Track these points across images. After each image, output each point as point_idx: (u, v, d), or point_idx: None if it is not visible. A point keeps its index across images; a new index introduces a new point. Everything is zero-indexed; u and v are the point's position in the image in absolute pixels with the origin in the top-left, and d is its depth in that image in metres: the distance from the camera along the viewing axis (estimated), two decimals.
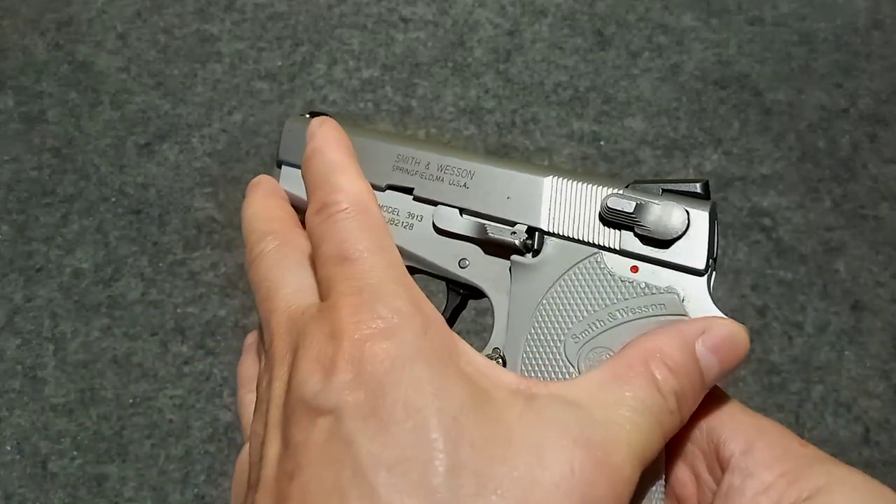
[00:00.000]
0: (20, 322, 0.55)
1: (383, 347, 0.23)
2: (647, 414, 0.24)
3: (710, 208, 0.27)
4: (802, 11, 0.72)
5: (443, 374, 0.23)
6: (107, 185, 0.61)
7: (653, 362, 0.25)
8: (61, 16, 0.71)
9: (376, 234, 0.27)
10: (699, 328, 0.26)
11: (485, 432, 0.22)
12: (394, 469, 0.21)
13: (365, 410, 0.22)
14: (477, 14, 0.71)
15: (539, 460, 0.21)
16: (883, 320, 0.55)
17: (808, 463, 0.25)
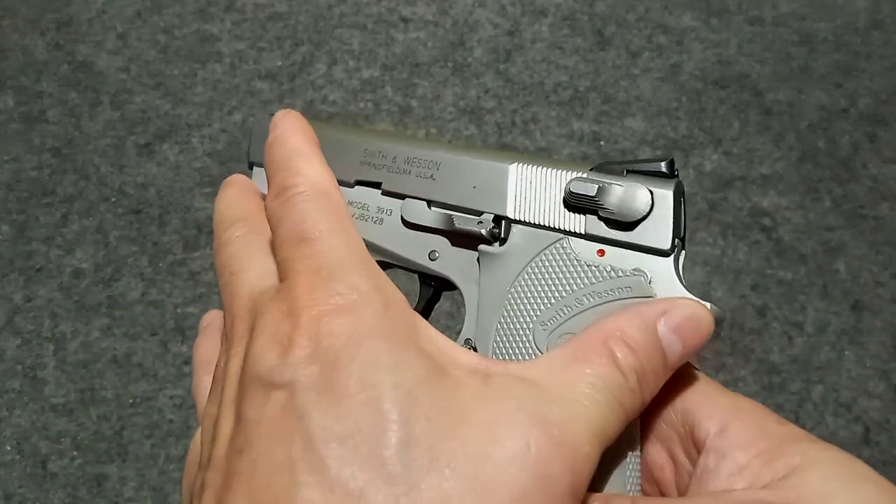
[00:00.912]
0: (20, 322, 0.55)
1: (340, 323, 0.22)
2: (607, 392, 0.23)
3: (674, 187, 0.26)
4: (802, 11, 0.72)
5: (400, 351, 0.23)
6: (107, 185, 0.61)
7: (613, 341, 0.25)
8: (61, 16, 0.71)
9: (336, 216, 0.26)
10: (661, 308, 0.25)
11: (440, 407, 0.22)
12: (345, 442, 0.21)
13: (320, 385, 0.22)
14: (477, 14, 0.71)
15: (493, 437, 0.21)
16: (883, 320, 0.55)
17: (783, 442, 0.25)
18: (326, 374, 0.22)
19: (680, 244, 0.27)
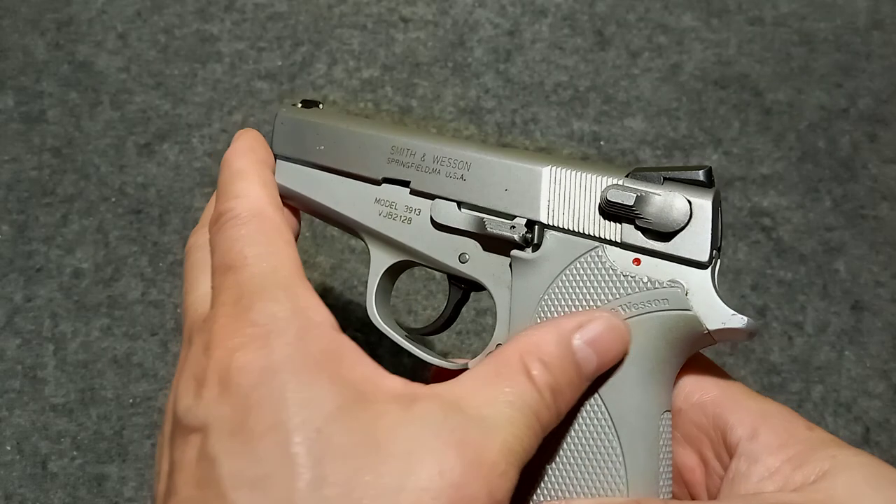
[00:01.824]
0: (20, 322, 0.55)
1: (250, 358, 0.22)
2: (525, 409, 0.24)
3: (713, 197, 0.26)
4: (802, 11, 0.72)
5: (311, 384, 0.22)
6: (107, 185, 0.61)
7: (528, 357, 0.24)
8: (61, 16, 0.71)
9: (267, 237, 0.26)
10: (577, 322, 0.26)
11: (353, 440, 0.21)
12: (255, 487, 0.20)
13: (231, 426, 0.21)
14: (477, 14, 0.71)
15: (408, 466, 0.21)
16: (883, 320, 0.55)
17: (812, 447, 0.25)
18: (237, 415, 0.21)
19: (717, 254, 0.27)
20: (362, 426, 0.22)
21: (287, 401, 0.22)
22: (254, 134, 0.33)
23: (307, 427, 0.21)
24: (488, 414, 0.23)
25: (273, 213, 0.27)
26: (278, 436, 0.21)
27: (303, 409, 0.22)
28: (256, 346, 0.22)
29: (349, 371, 0.23)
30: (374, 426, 0.22)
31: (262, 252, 0.25)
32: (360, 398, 0.23)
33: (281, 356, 0.22)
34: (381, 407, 0.23)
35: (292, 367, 0.22)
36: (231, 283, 0.24)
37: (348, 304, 0.56)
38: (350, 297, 0.56)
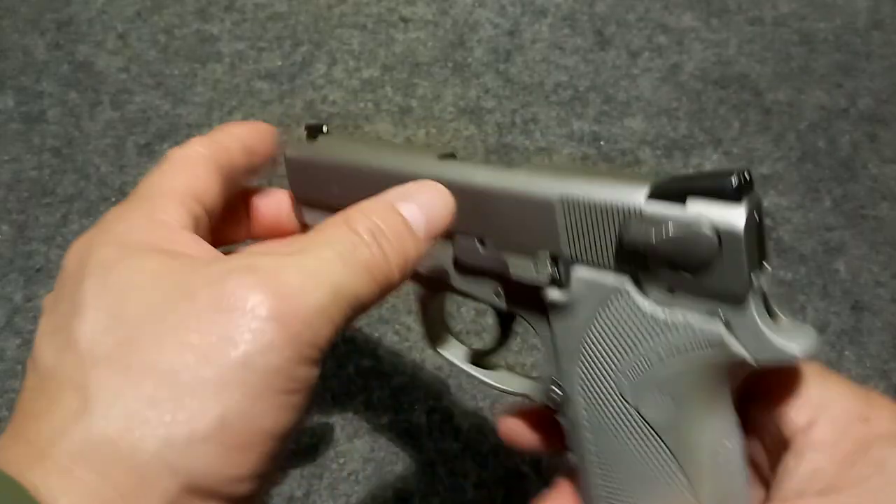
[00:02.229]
0: (20, 322, 0.55)
1: (78, 240, 0.26)
2: (339, 247, 0.23)
3: (745, 217, 0.22)
4: (802, 11, 0.72)
5: (118, 246, 0.24)
6: (107, 185, 0.61)
7: (350, 213, 0.25)
8: (61, 16, 0.71)
9: (173, 165, 0.29)
10: (398, 189, 0.26)
11: (172, 283, 0.23)
12: (53, 333, 0.23)
13: (52, 297, 0.25)
14: (477, 14, 0.71)
15: (223, 300, 0.22)
16: (883, 320, 0.55)
17: (863, 446, 0.24)
18: (58, 284, 0.25)
19: (757, 277, 0.23)
20: (178, 271, 0.23)
21: (89, 260, 0.24)
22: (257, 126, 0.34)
23: (96, 272, 0.23)
24: (301, 256, 0.23)
25: (190, 156, 0.29)
26: (73, 286, 0.23)
27: (98, 261, 0.24)
28: (88, 233, 0.26)
29: (168, 244, 0.25)
30: (174, 275, 0.23)
31: (157, 175, 0.28)
32: (168, 255, 0.24)
33: (104, 239, 0.25)
34: (182, 259, 0.23)
35: (106, 239, 0.25)
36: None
37: None
38: None
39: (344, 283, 0.23)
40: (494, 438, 0.50)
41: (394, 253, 0.24)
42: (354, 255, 0.23)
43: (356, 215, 0.24)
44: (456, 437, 0.50)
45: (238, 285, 0.21)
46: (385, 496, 0.48)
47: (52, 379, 0.21)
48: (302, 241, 0.24)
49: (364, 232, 0.24)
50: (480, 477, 0.49)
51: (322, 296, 0.22)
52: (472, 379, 0.52)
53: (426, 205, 0.26)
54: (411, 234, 0.25)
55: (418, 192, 0.26)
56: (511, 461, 0.50)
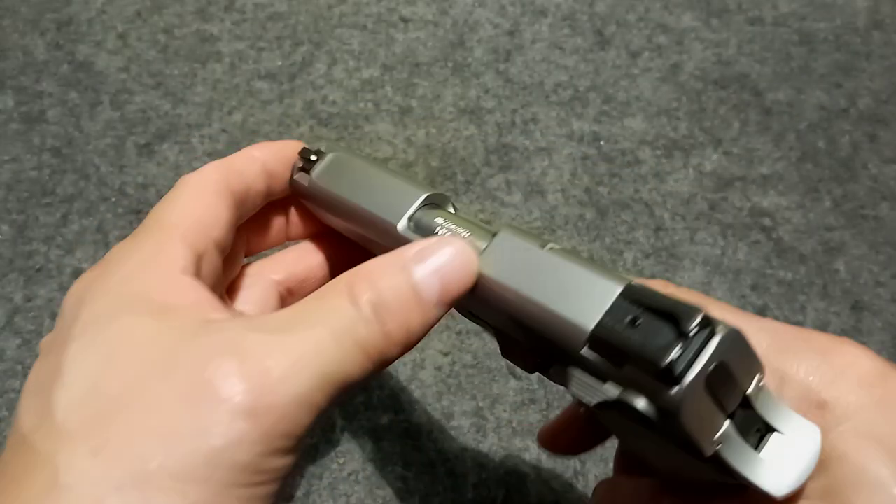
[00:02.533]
0: (20, 322, 0.55)
1: (77, 283, 0.25)
2: (333, 321, 0.22)
3: (682, 400, 0.19)
4: (802, 11, 0.72)
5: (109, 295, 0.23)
6: (107, 185, 0.61)
7: (355, 278, 0.23)
8: (61, 16, 0.71)
9: (186, 193, 0.28)
10: (417, 248, 0.23)
11: (152, 354, 0.22)
12: (33, 393, 0.22)
13: (47, 339, 0.24)
14: (477, 14, 0.71)
15: (201, 378, 0.21)
16: (883, 320, 0.55)
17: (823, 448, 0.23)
18: (58, 324, 0.24)
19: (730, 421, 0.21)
20: (157, 338, 0.22)
21: (82, 311, 0.23)
22: (283, 146, 0.33)
23: (85, 332, 0.22)
24: (290, 333, 0.21)
25: (202, 184, 0.28)
26: (61, 342, 0.22)
27: (90, 316, 0.23)
28: (89, 274, 0.25)
29: (164, 295, 0.23)
30: (159, 345, 0.21)
31: (166, 205, 0.27)
32: (160, 315, 0.23)
33: (102, 288, 0.24)
34: (171, 322, 0.22)
35: (104, 288, 0.24)
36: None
37: None
38: None
39: (333, 367, 0.21)
40: (494, 438, 0.50)
41: (396, 327, 0.22)
42: (351, 333, 0.22)
43: (360, 283, 0.22)
44: (456, 438, 0.50)
45: (216, 372, 0.20)
46: (385, 496, 0.48)
47: (28, 446, 0.20)
48: (300, 312, 0.22)
49: (365, 305, 0.22)
50: (480, 477, 0.49)
51: (305, 383, 0.21)
52: (471, 379, 0.52)
53: (443, 268, 0.23)
54: (419, 303, 0.23)
55: (438, 251, 0.23)
56: (511, 461, 0.50)
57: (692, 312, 0.20)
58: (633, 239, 0.59)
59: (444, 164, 0.62)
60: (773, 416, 0.22)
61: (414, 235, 0.28)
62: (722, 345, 0.20)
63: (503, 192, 0.61)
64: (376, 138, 0.64)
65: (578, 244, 0.59)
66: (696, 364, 0.19)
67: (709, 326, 0.20)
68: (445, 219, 0.28)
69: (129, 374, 0.21)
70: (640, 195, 0.61)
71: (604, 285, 0.22)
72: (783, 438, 0.22)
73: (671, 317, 0.20)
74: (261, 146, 0.31)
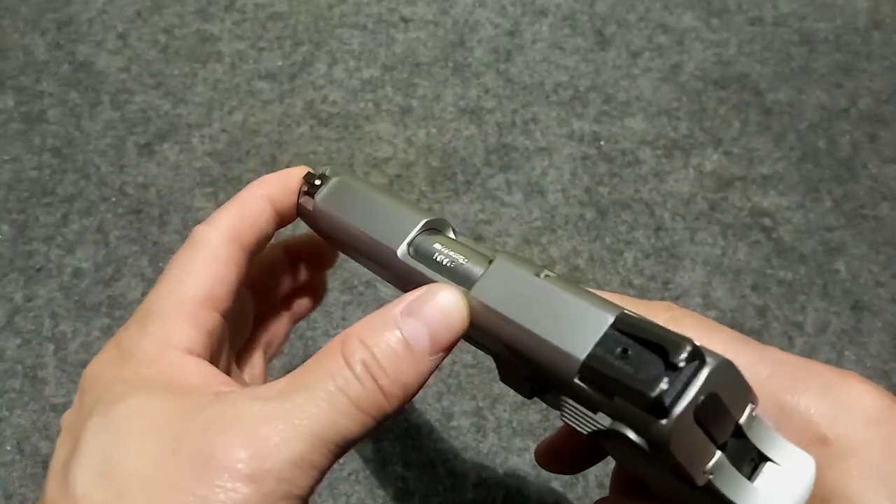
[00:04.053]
0: (20, 322, 0.55)
1: (92, 367, 0.27)
2: (328, 384, 0.23)
3: (670, 432, 0.20)
4: (803, 11, 0.72)
5: (122, 382, 0.25)
6: (107, 185, 0.61)
7: (347, 338, 0.24)
8: (61, 16, 0.71)
9: (193, 259, 0.29)
10: (404, 299, 0.25)
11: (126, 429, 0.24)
12: (56, 473, 0.24)
13: (65, 423, 0.26)
14: (477, 14, 0.71)
15: (197, 459, 0.22)
16: (883, 320, 0.55)
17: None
18: (75, 406, 0.26)
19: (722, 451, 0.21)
20: (178, 413, 0.23)
21: (97, 392, 0.25)
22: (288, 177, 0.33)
23: (101, 411, 0.24)
24: (286, 400, 0.23)
25: (215, 248, 0.29)
26: (81, 420, 0.24)
27: (106, 396, 0.24)
28: (105, 356, 0.26)
29: (173, 378, 0.25)
30: (168, 423, 0.23)
31: (180, 273, 0.28)
32: (170, 395, 0.24)
33: (118, 374, 0.25)
34: (181, 401, 0.24)
35: (119, 375, 0.25)
36: (147, 298, 0.28)
37: (348, 304, 0.56)
38: (350, 298, 0.56)
39: (329, 428, 0.23)
40: (494, 438, 0.50)
41: (389, 383, 0.23)
42: (344, 393, 0.23)
43: (352, 343, 0.24)
44: (456, 438, 0.50)
45: (219, 442, 0.22)
46: (385, 496, 0.48)
47: None
48: (298, 377, 0.24)
49: (357, 364, 0.23)
50: (480, 477, 0.49)
51: (301, 446, 0.22)
52: (471, 379, 0.52)
53: (432, 320, 0.24)
54: (411, 356, 0.24)
55: (426, 303, 0.24)
56: (511, 461, 0.50)
57: (681, 344, 0.20)
58: (634, 239, 0.59)
59: (444, 164, 0.62)
60: (766, 446, 0.22)
61: (413, 261, 0.28)
62: (711, 376, 0.20)
63: (503, 192, 0.61)
64: (376, 138, 0.64)
65: (578, 244, 0.59)
66: (685, 396, 0.20)
67: (698, 358, 0.20)
68: (443, 244, 0.28)
69: (140, 451, 0.22)
70: (640, 195, 0.61)
71: (596, 315, 0.22)
72: (777, 468, 0.22)
73: (661, 348, 0.20)
74: (267, 182, 0.31)
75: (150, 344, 0.26)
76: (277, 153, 0.63)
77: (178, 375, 0.25)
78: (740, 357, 0.23)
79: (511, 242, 0.59)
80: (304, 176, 0.32)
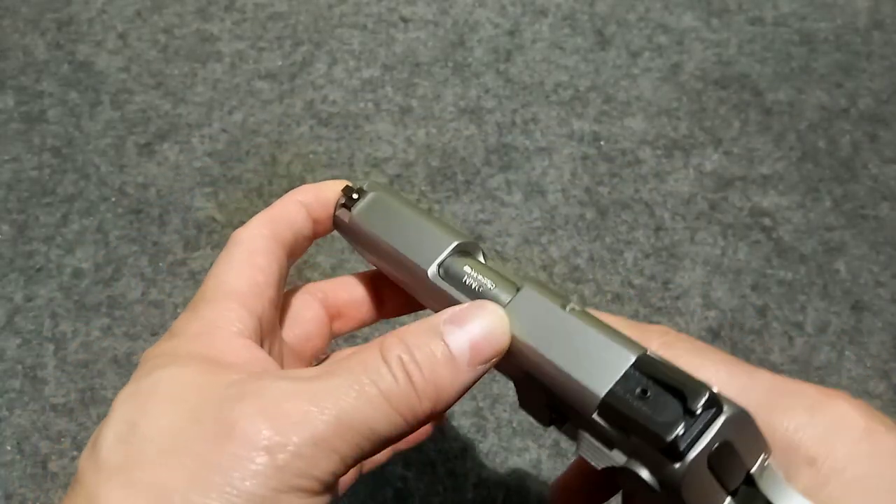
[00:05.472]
0: (20, 322, 0.55)
1: (147, 353, 0.27)
2: (358, 375, 0.23)
3: (683, 475, 0.20)
4: (803, 11, 0.72)
5: (174, 363, 0.25)
6: (107, 185, 0.61)
7: (388, 338, 0.24)
8: (61, 15, 0.71)
9: (235, 257, 0.30)
10: (450, 312, 0.25)
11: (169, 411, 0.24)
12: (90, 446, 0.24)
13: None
14: (477, 14, 0.71)
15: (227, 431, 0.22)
16: (883, 320, 0.55)
17: None
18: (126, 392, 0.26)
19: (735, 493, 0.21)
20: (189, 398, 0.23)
21: (140, 367, 0.25)
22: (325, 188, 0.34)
23: (136, 381, 0.25)
24: (315, 381, 0.23)
25: (253, 241, 0.30)
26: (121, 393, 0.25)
27: (145, 369, 0.25)
28: (160, 345, 0.27)
29: (217, 354, 0.25)
30: (198, 392, 0.23)
31: (223, 268, 0.29)
32: (207, 367, 0.24)
33: (163, 348, 0.26)
34: (216, 376, 0.24)
35: (165, 349, 0.26)
36: (195, 295, 0.29)
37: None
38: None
39: (353, 414, 0.22)
40: (494, 438, 0.50)
41: (423, 382, 0.23)
42: (375, 385, 0.23)
43: (392, 341, 0.24)
44: (456, 438, 0.50)
45: (240, 414, 0.22)
46: (385, 496, 0.48)
47: (78, 480, 0.23)
48: (333, 364, 0.24)
49: (393, 360, 0.23)
50: (480, 477, 0.49)
51: (323, 428, 0.22)
52: None
53: (475, 332, 0.24)
54: (449, 363, 0.24)
55: (472, 314, 0.25)
56: (511, 461, 0.50)
57: (700, 390, 0.20)
58: (634, 239, 0.59)
59: (444, 164, 0.62)
60: (776, 496, 0.22)
61: (443, 282, 0.29)
62: (727, 424, 0.20)
63: (503, 191, 0.61)
64: (376, 138, 0.64)
65: (578, 244, 0.59)
66: (700, 442, 0.20)
67: (715, 405, 0.20)
68: (473, 268, 0.28)
69: (163, 418, 0.23)
70: (640, 195, 0.61)
71: (618, 353, 0.23)
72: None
73: (679, 392, 0.20)
74: (303, 190, 0.32)
75: (200, 325, 0.26)
76: (277, 153, 0.63)
77: (220, 353, 0.25)
78: (732, 380, 0.23)
79: (511, 242, 0.59)
80: (343, 189, 0.33)
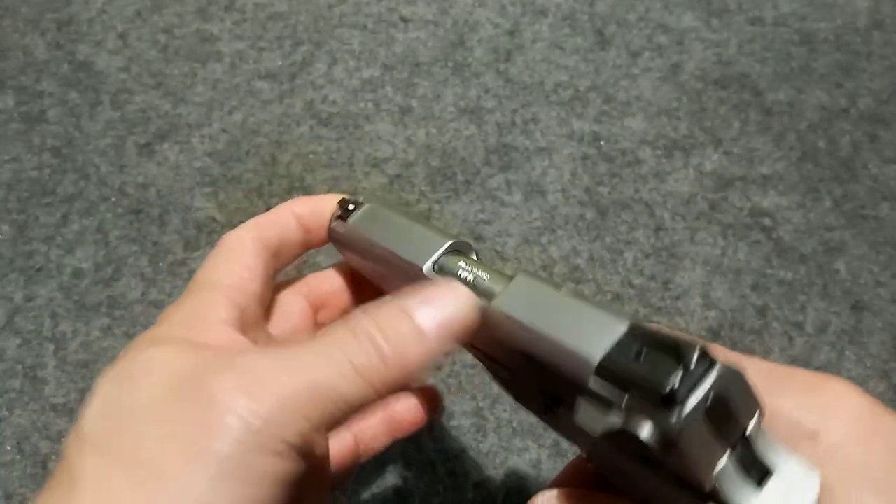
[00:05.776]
0: (20, 322, 0.55)
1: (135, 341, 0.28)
2: (327, 346, 0.24)
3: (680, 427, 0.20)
4: (803, 11, 0.72)
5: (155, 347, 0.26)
6: (107, 185, 0.61)
7: (356, 313, 0.25)
8: (61, 15, 0.71)
9: (225, 255, 0.31)
10: (416, 289, 0.26)
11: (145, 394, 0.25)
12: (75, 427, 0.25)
13: None
14: (477, 14, 0.71)
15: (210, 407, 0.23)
16: (883, 320, 0.55)
17: None
18: None
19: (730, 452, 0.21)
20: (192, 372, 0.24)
21: (125, 351, 0.26)
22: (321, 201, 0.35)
23: (118, 361, 0.26)
24: (286, 352, 0.24)
25: (240, 242, 0.32)
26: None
27: (129, 351, 0.26)
28: (144, 334, 0.28)
29: (200, 337, 0.27)
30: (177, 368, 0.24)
31: (209, 266, 0.31)
32: (188, 348, 0.26)
33: (147, 335, 0.27)
34: (195, 355, 0.25)
35: (150, 335, 0.27)
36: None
37: None
38: None
39: (323, 380, 0.23)
40: (494, 438, 0.50)
41: (391, 351, 0.24)
42: (345, 354, 0.24)
43: (360, 316, 0.25)
44: (456, 438, 0.50)
45: (213, 382, 0.23)
46: (385, 496, 0.48)
47: (64, 455, 0.24)
48: (306, 340, 0.25)
49: (361, 331, 0.24)
50: (480, 477, 0.49)
51: (293, 391, 0.23)
52: (471, 379, 0.52)
53: (441, 303, 0.25)
54: (415, 331, 0.25)
55: (437, 290, 0.26)
56: (511, 461, 0.50)
57: (693, 346, 0.21)
58: (634, 239, 0.59)
59: (444, 164, 0.62)
60: (772, 458, 0.22)
61: (437, 278, 0.30)
62: (721, 377, 0.21)
63: (503, 191, 0.61)
64: (376, 138, 0.64)
65: (578, 244, 0.59)
66: (697, 392, 0.20)
67: (709, 360, 0.21)
68: (467, 264, 0.30)
69: (144, 391, 0.24)
70: (640, 195, 0.61)
71: (612, 322, 0.23)
72: (781, 482, 0.22)
73: (673, 350, 0.21)
74: (300, 201, 0.35)
75: (183, 314, 0.28)
76: (277, 153, 0.63)
77: (203, 335, 0.27)
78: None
79: (511, 242, 0.59)
80: (340, 201, 0.34)
